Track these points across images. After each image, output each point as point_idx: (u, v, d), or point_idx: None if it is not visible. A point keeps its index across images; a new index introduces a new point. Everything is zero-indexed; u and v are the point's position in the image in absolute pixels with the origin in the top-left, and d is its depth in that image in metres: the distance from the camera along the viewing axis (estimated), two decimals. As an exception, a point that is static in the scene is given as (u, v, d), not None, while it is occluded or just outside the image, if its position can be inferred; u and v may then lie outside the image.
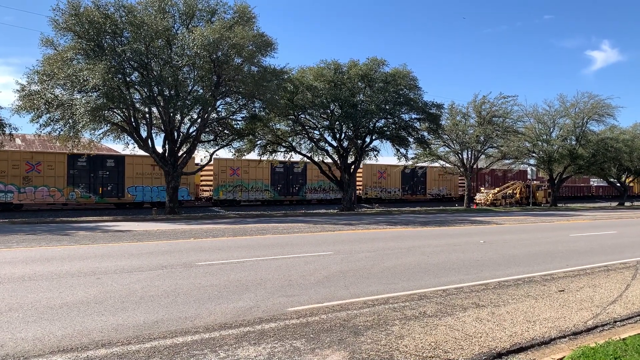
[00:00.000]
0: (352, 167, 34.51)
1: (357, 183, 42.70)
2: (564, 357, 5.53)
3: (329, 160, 34.97)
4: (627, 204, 52.50)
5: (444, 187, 50.67)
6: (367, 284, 9.34)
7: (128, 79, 25.29)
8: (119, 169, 32.97)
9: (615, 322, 7.18)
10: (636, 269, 11.58)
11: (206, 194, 38.02)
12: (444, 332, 6.41)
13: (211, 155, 30.93)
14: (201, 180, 38.40)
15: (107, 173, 32.69)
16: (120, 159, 33.25)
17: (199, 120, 27.53)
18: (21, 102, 23.69)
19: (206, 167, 34.34)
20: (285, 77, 28.94)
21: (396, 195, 47.01)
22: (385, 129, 34.02)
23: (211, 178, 37.28)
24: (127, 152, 30.70)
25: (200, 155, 33.91)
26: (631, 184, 65.19)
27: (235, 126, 30.50)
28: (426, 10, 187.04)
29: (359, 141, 33.79)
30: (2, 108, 25.51)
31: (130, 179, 33.23)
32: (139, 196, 33.50)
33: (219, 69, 25.67)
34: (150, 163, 32.34)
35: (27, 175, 30.32)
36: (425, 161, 43.07)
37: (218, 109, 29.00)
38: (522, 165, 51.47)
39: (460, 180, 50.80)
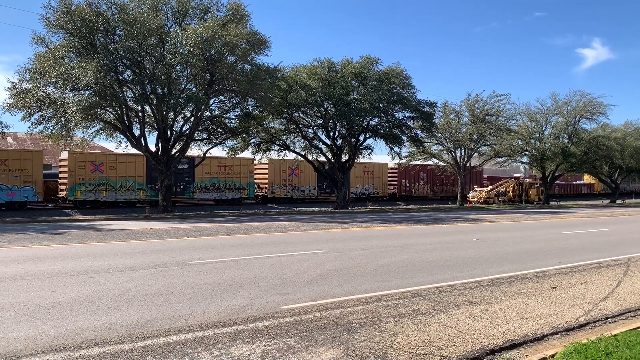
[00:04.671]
0: (346, 165, 34.56)
1: (263, 181, 39.70)
2: (556, 353, 5.56)
3: (322, 158, 35.01)
4: (618, 201, 52.89)
5: (370, 185, 44.85)
6: (360, 281, 9.36)
7: (121, 77, 25.16)
8: None
9: (607, 318, 7.24)
10: (627, 265, 11.67)
11: (64, 194, 31.75)
12: (437, 329, 6.43)
13: (204, 153, 30.83)
14: (60, 177, 32.70)
15: None
16: None
17: (192, 118, 27.45)
18: (12, 100, 23.51)
19: (61, 162, 31.09)
20: (279, 75, 28.89)
21: (311, 195, 41.46)
22: (379, 127, 34.09)
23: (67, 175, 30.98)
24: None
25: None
26: (592, 181, 65.41)
27: (228, 124, 30.44)
28: (418, 8, 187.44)
29: (352, 139, 33.84)
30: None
31: None
32: None
33: (212, 67, 25.59)
34: None
35: None
36: (418, 159, 43.17)
37: (211, 107, 28.94)
38: (514, 163, 51.58)
39: (390, 177, 46.81)
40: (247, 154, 34.95)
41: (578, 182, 65.81)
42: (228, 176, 36.17)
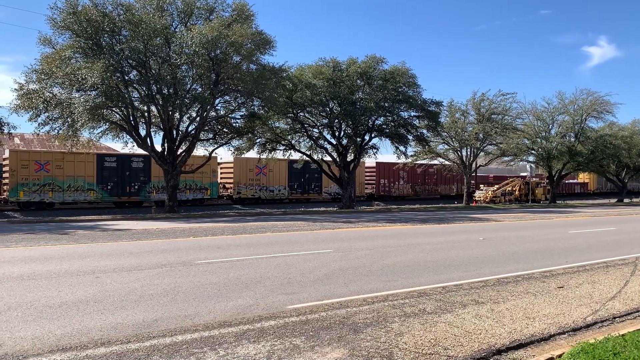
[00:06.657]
0: (352, 165, 34.53)
1: (228, 181, 38.20)
2: (563, 353, 5.53)
3: (327, 158, 34.99)
4: (625, 200, 52.53)
5: None
6: (366, 281, 9.34)
7: (126, 78, 25.22)
8: None
9: (615, 318, 7.19)
10: (635, 265, 11.59)
11: (6, 195, 30.20)
12: (443, 329, 6.41)
13: (210, 153, 30.90)
14: (3, 178, 30.92)
15: None
16: None
17: (197, 118, 27.50)
18: (19, 101, 23.64)
19: (4, 161, 29.65)
20: (284, 75, 28.89)
21: (281, 195, 39.81)
22: (385, 126, 34.04)
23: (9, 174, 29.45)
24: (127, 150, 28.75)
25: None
26: (586, 180, 64.74)
27: (234, 124, 30.47)
28: (422, 7, 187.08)
29: (358, 139, 33.77)
30: (0, 107, 25.47)
31: None
32: None
33: (218, 67, 25.63)
34: None
35: None
36: (424, 159, 43.05)
37: (217, 107, 28.96)
38: (521, 163, 51.34)
39: (367, 176, 45.13)
40: (252, 153, 34.91)
41: (570, 181, 64.24)
42: (188, 176, 32.82)
